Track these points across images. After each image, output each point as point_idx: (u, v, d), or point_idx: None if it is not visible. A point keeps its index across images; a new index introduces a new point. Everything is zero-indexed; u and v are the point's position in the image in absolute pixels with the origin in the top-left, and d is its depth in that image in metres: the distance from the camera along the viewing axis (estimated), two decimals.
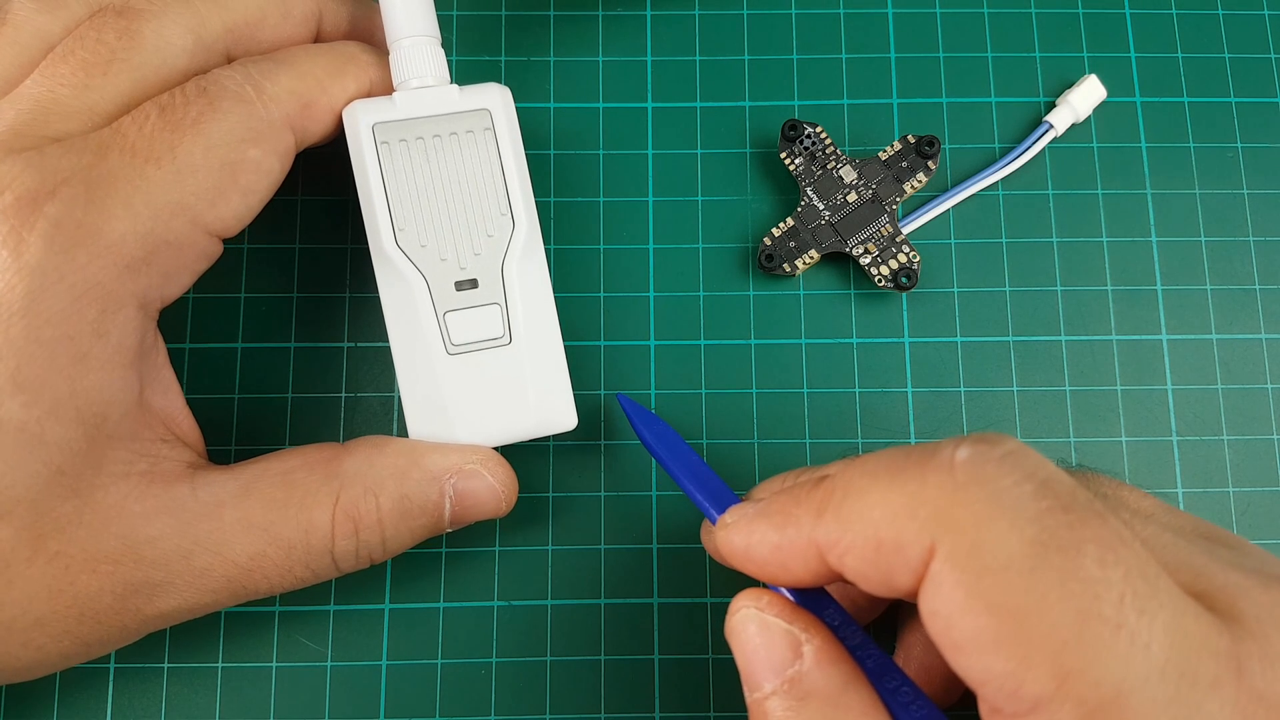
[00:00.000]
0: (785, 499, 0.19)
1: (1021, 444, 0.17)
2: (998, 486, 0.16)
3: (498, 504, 0.25)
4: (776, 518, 0.19)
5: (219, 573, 0.22)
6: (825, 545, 0.18)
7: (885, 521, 0.17)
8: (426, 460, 0.24)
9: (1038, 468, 0.17)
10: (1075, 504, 0.16)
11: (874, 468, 0.18)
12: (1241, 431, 0.29)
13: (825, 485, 0.19)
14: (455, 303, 0.25)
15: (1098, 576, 0.15)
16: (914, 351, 0.29)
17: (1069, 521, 0.16)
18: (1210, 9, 0.31)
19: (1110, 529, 0.16)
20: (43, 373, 0.21)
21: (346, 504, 0.23)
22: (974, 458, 0.17)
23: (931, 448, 0.17)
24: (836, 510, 0.18)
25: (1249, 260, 0.30)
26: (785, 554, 0.19)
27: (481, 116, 0.25)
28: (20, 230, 0.21)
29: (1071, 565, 0.15)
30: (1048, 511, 0.16)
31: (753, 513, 0.20)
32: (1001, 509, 0.16)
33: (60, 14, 0.23)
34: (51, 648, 0.22)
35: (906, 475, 0.17)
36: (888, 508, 0.17)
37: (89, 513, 0.21)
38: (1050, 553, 0.15)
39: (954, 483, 0.16)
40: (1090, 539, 0.16)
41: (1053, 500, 0.16)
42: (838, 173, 0.29)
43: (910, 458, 0.17)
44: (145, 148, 0.22)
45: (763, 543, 0.19)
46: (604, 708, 0.27)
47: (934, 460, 0.17)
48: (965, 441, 0.17)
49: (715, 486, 0.23)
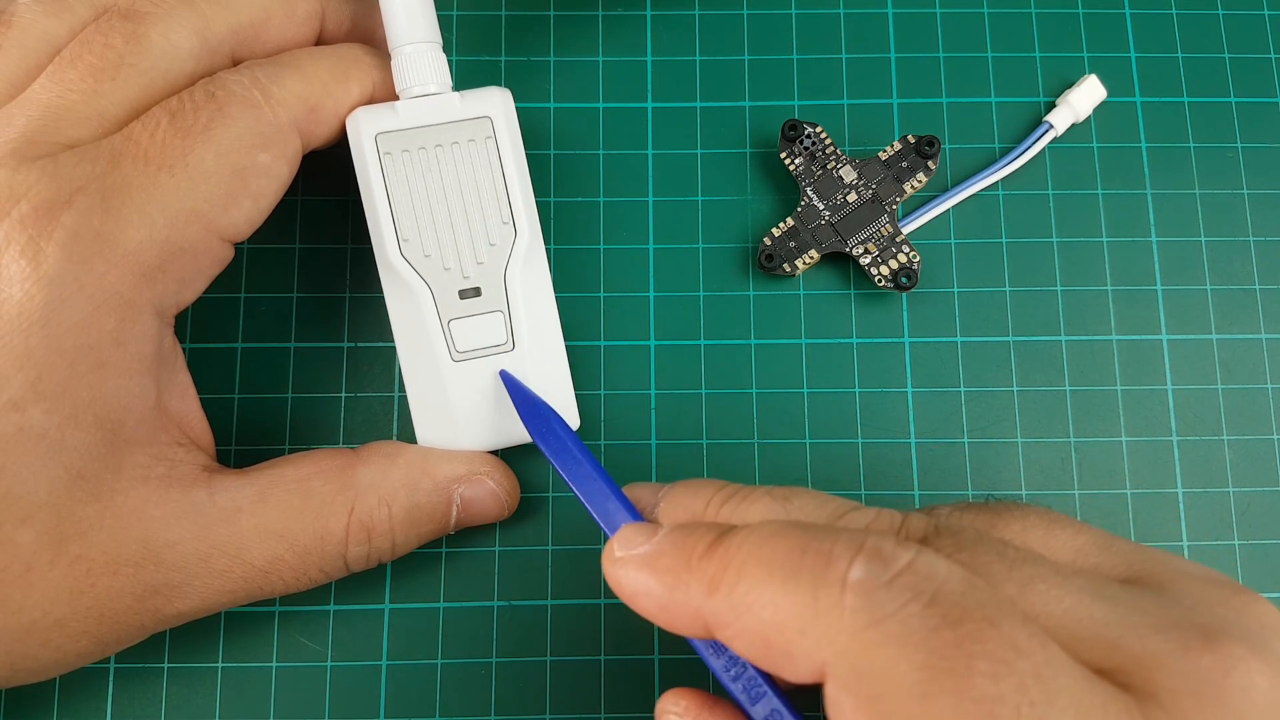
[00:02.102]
0: (677, 555, 0.18)
1: (917, 552, 0.16)
2: (884, 612, 0.16)
3: (501, 508, 0.26)
4: (666, 576, 0.18)
5: (237, 575, 0.23)
6: (713, 623, 0.18)
7: (774, 627, 0.17)
8: (436, 470, 0.25)
9: (927, 582, 0.16)
10: (965, 616, 0.15)
11: (769, 557, 0.17)
12: (1241, 431, 0.29)
13: (719, 556, 0.18)
14: (459, 311, 0.25)
15: (990, 694, 0.15)
16: (914, 351, 0.29)
17: (956, 639, 0.15)
18: (1210, 9, 0.31)
19: (1001, 638, 0.15)
20: (63, 381, 0.21)
21: (361, 513, 0.24)
22: (864, 582, 0.16)
23: (827, 551, 0.17)
24: (729, 594, 0.17)
25: (1249, 260, 0.30)
26: (672, 615, 0.19)
27: (483, 124, 0.25)
28: (38, 240, 0.21)
29: (963, 686, 0.15)
30: (935, 632, 0.15)
31: (642, 557, 0.19)
32: (888, 636, 0.15)
33: (65, 17, 0.23)
34: (70, 648, 0.22)
35: (799, 584, 0.16)
36: (777, 614, 0.17)
37: (109, 516, 0.22)
38: (940, 676, 0.15)
39: (842, 607, 0.16)
40: (979, 655, 0.15)
41: (940, 619, 0.15)
42: (838, 173, 0.29)
43: (805, 560, 0.17)
44: (158, 155, 0.22)
45: (649, 596, 0.19)
46: (604, 708, 0.27)
47: (826, 575, 0.16)
48: (860, 557, 0.16)
49: (604, 493, 0.22)
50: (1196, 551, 0.28)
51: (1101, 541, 0.20)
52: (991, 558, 0.18)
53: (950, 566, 0.16)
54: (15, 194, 0.21)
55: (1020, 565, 0.18)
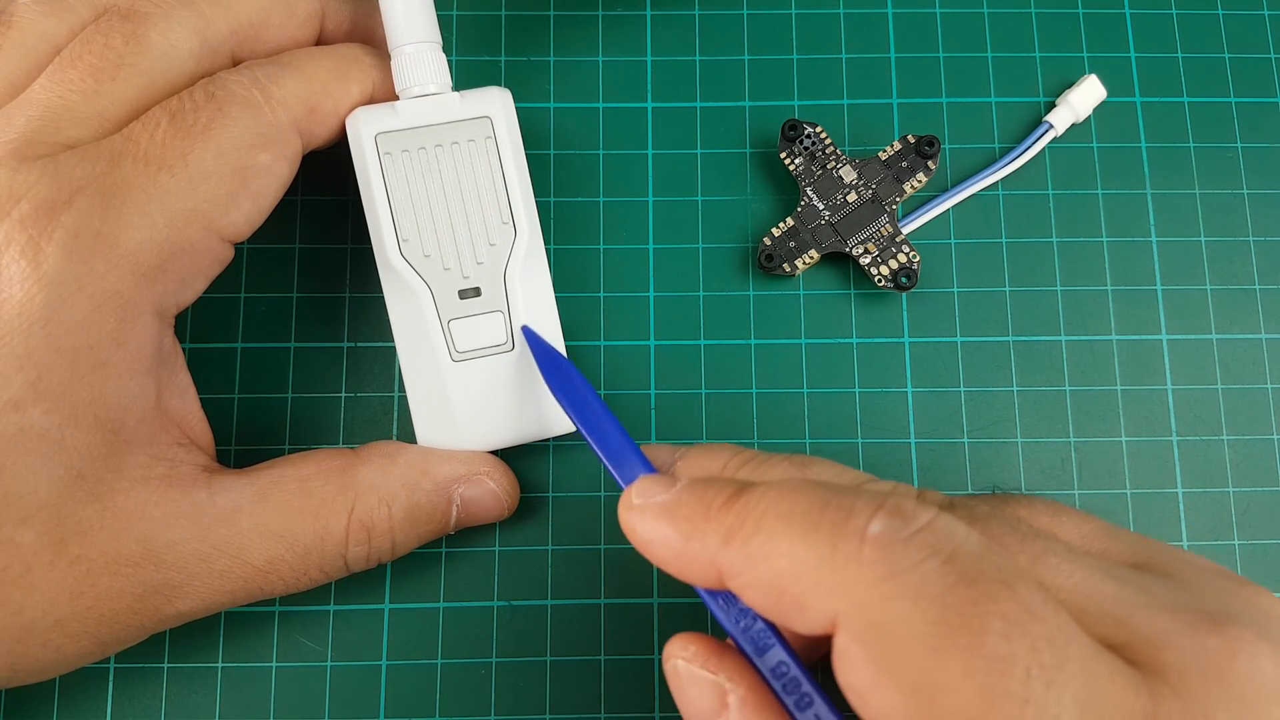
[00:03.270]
0: (695, 505, 0.19)
1: (937, 513, 0.17)
2: (902, 566, 0.16)
3: (500, 509, 0.26)
4: (684, 524, 0.19)
5: (237, 574, 0.23)
6: (727, 571, 0.18)
7: (790, 577, 0.17)
8: (436, 470, 0.25)
9: (946, 541, 0.16)
10: (981, 576, 0.16)
11: (789, 510, 0.17)
12: (1241, 431, 0.29)
13: (739, 508, 0.18)
14: (459, 311, 0.25)
15: (1002, 653, 0.15)
16: (914, 351, 0.29)
17: (972, 597, 0.15)
18: (1210, 9, 0.31)
19: (1017, 600, 0.16)
20: (63, 381, 0.21)
21: (361, 514, 0.24)
22: (883, 535, 0.16)
23: (847, 508, 0.17)
24: (745, 543, 0.18)
25: (1249, 260, 0.30)
26: (686, 563, 0.19)
27: (483, 125, 0.25)
28: (38, 240, 0.21)
29: (975, 643, 0.15)
30: (951, 589, 0.16)
31: (660, 506, 0.19)
32: (904, 589, 0.16)
33: (65, 17, 0.23)
34: (70, 648, 0.22)
35: (818, 536, 0.17)
36: (794, 564, 0.17)
37: (109, 516, 0.22)
38: (954, 632, 0.15)
39: (860, 559, 0.16)
40: (994, 614, 0.15)
41: (957, 576, 0.16)
42: (838, 173, 0.29)
43: (825, 514, 0.17)
44: (158, 155, 0.22)
45: (664, 544, 0.19)
46: (604, 708, 0.27)
47: (846, 528, 0.17)
48: (880, 512, 0.17)
49: (623, 449, 0.23)
50: (1196, 551, 0.28)
51: (1108, 530, 0.20)
52: (1004, 530, 0.18)
53: (968, 530, 0.17)
54: (15, 194, 0.21)
55: (1032, 539, 0.18)
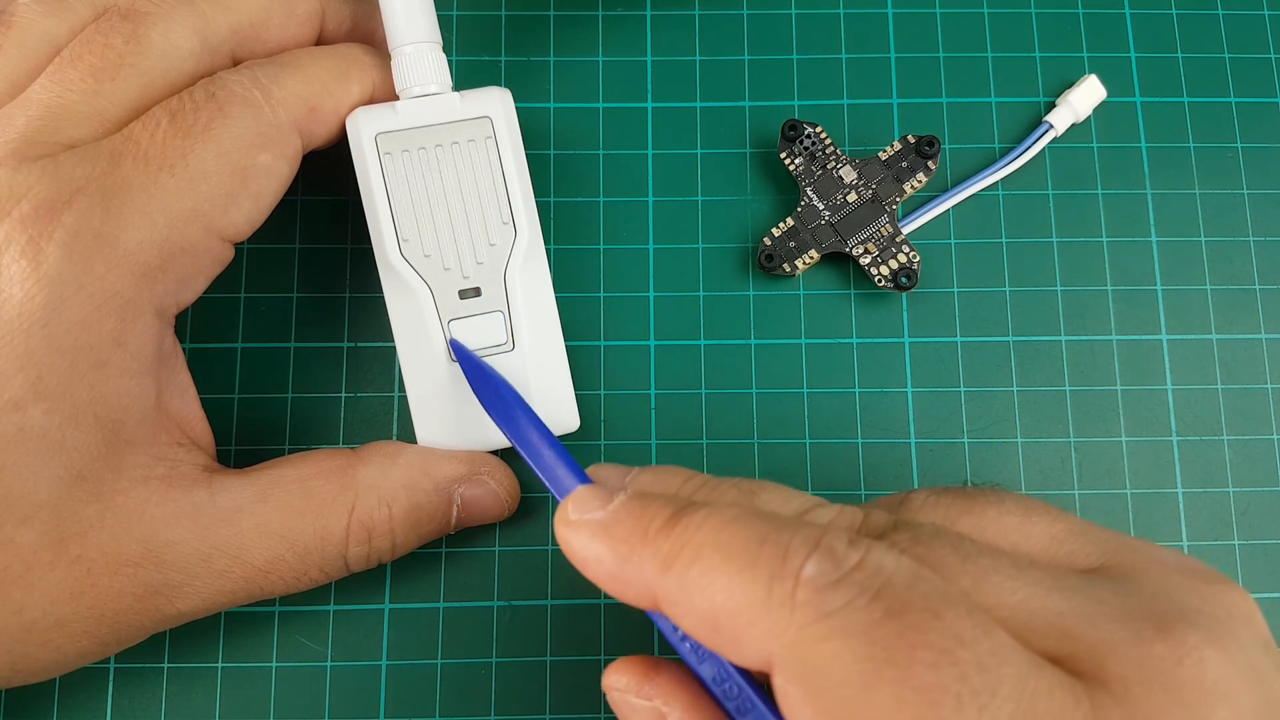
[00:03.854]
0: (633, 526, 0.18)
1: (868, 549, 0.17)
2: (831, 609, 0.16)
3: (501, 509, 0.26)
4: (620, 546, 0.18)
5: (237, 575, 0.23)
6: (663, 599, 0.18)
7: (726, 613, 0.17)
8: (436, 470, 0.25)
9: (874, 577, 0.16)
10: (908, 608, 0.16)
11: (728, 543, 0.17)
12: (1241, 431, 0.29)
13: (677, 533, 0.18)
14: (459, 311, 0.25)
15: (931, 682, 0.15)
16: (914, 351, 0.29)
17: (898, 630, 0.15)
18: (1210, 9, 0.31)
19: (943, 628, 0.15)
20: (63, 381, 0.21)
21: (361, 514, 0.24)
22: (815, 578, 0.16)
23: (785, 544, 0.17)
24: (682, 573, 0.17)
25: (1249, 260, 0.30)
26: (622, 585, 0.18)
27: (483, 125, 0.25)
28: (39, 240, 0.21)
29: (904, 675, 0.15)
30: (878, 624, 0.16)
31: (597, 524, 0.19)
32: (832, 630, 0.16)
33: (65, 16, 0.23)
34: (70, 648, 0.22)
35: (755, 574, 0.17)
36: (730, 600, 0.17)
37: (110, 516, 0.22)
38: (881, 666, 0.15)
39: (793, 601, 0.16)
40: (921, 644, 0.15)
41: (883, 612, 0.16)
42: (838, 173, 0.29)
43: (764, 550, 0.17)
44: (158, 155, 0.22)
45: (599, 564, 0.19)
46: (604, 708, 0.27)
47: (783, 569, 0.16)
48: (815, 554, 0.16)
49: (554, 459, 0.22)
50: (1196, 551, 0.28)
51: (1077, 528, 0.20)
52: (947, 551, 0.18)
53: (899, 560, 0.17)
54: (15, 194, 0.21)
55: (976, 558, 0.18)
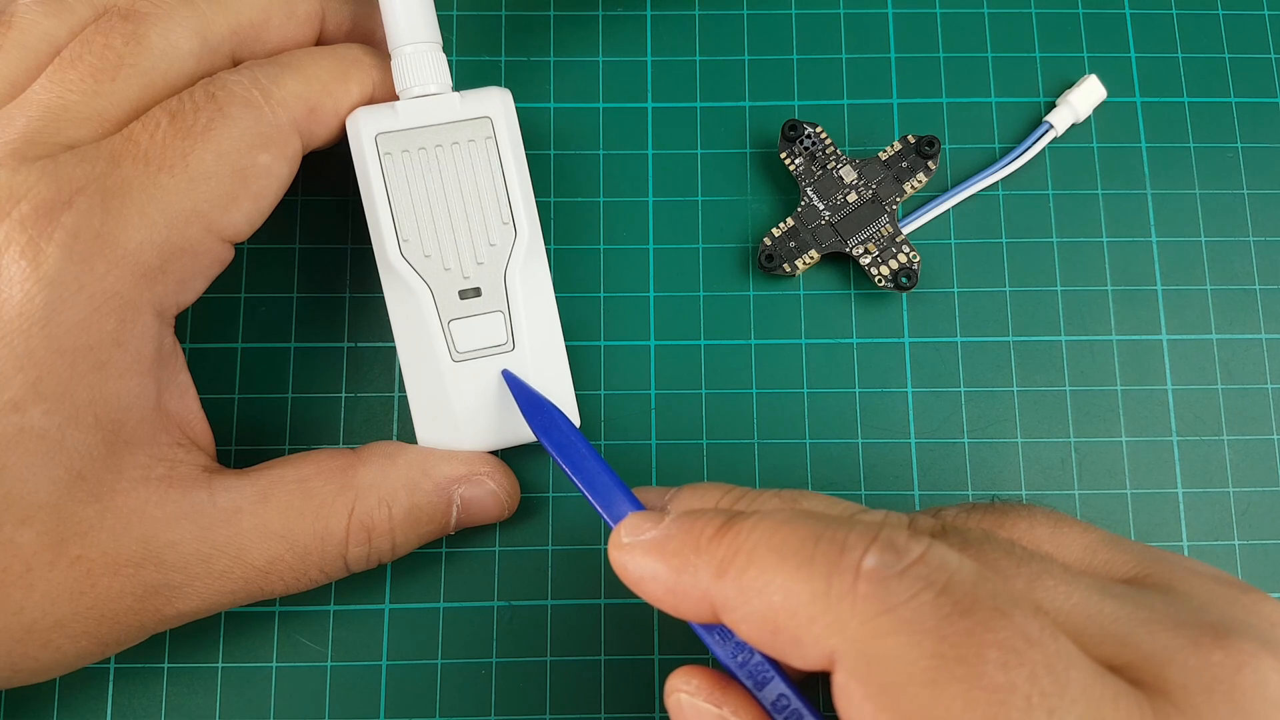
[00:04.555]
0: (685, 539, 0.19)
1: (930, 544, 0.17)
2: (897, 600, 0.16)
3: (501, 509, 0.26)
4: (674, 559, 0.18)
5: (237, 575, 0.23)
6: (720, 606, 0.18)
7: (785, 612, 0.17)
8: (436, 471, 0.25)
9: (939, 572, 0.16)
10: (976, 606, 0.16)
11: (782, 543, 0.17)
12: (1241, 431, 0.29)
13: (729, 539, 0.18)
14: (459, 311, 0.25)
15: (1001, 683, 0.15)
16: (914, 351, 0.29)
17: (968, 628, 0.15)
18: (1210, 9, 0.31)
19: (1013, 627, 0.15)
20: (63, 382, 0.21)
21: (361, 514, 0.24)
22: (877, 569, 0.16)
23: (840, 542, 0.17)
24: (738, 577, 0.17)
25: (1249, 260, 0.30)
26: (678, 598, 0.18)
27: (483, 125, 0.25)
28: (38, 241, 0.21)
29: (974, 674, 0.15)
30: (946, 620, 0.15)
31: (650, 542, 0.19)
32: (900, 624, 0.15)
33: (65, 17, 0.23)
34: (70, 649, 0.22)
35: (813, 570, 0.17)
36: (789, 598, 0.17)
37: (110, 517, 0.22)
38: (950, 664, 0.15)
39: (855, 594, 0.16)
40: (991, 643, 0.15)
41: (952, 607, 0.16)
42: (838, 173, 0.29)
43: (820, 547, 0.17)
44: (158, 155, 0.22)
45: (656, 580, 0.19)
46: (604, 708, 0.27)
47: (841, 562, 0.16)
48: (874, 546, 0.16)
49: (609, 488, 0.23)
50: (1196, 551, 0.28)
51: (1108, 540, 0.20)
52: (999, 554, 0.18)
53: (961, 559, 0.17)
54: (15, 195, 0.21)
55: (1028, 562, 0.18)
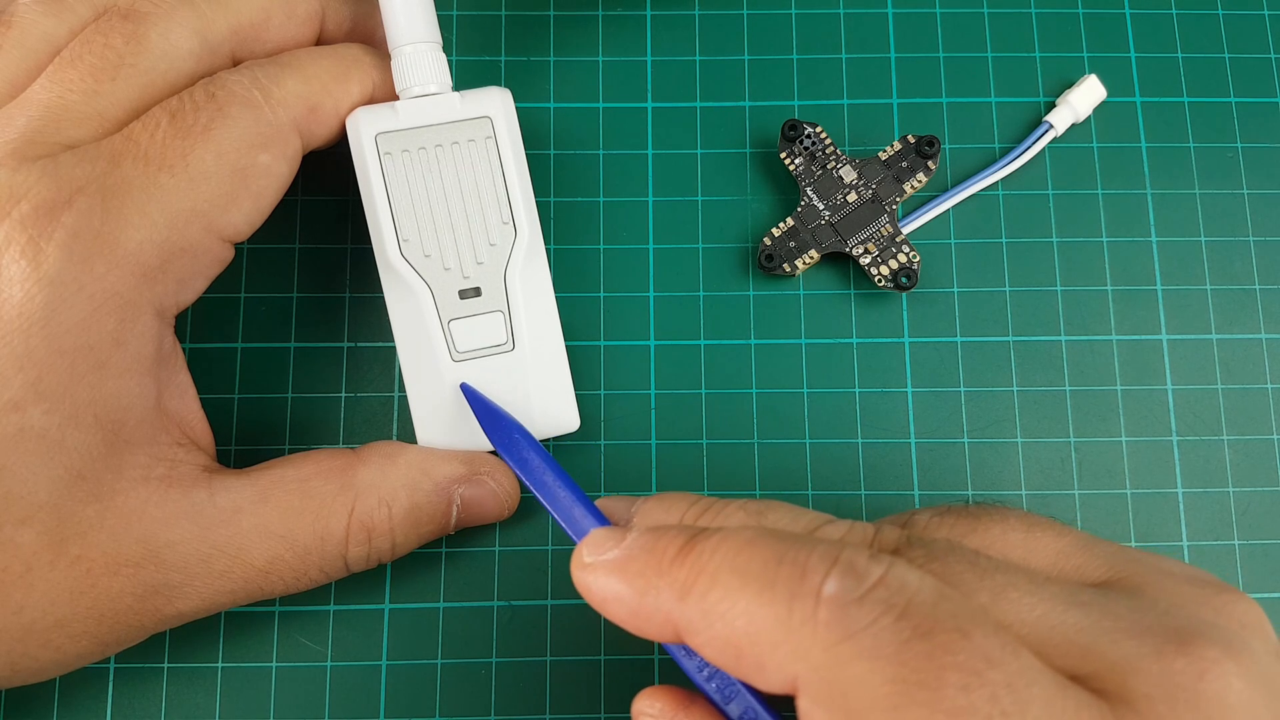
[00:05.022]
0: (648, 560, 0.18)
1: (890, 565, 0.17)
2: (857, 627, 0.16)
3: (500, 509, 0.26)
4: (637, 581, 0.18)
5: (237, 575, 0.23)
6: (684, 629, 0.18)
7: (747, 637, 0.17)
8: (436, 470, 0.25)
9: (899, 594, 0.16)
10: (937, 628, 0.16)
11: (745, 565, 0.17)
12: (1241, 431, 0.29)
13: (692, 561, 0.18)
14: (459, 311, 0.25)
15: (962, 705, 0.15)
16: (914, 351, 0.29)
17: (928, 651, 0.15)
18: (1210, 9, 0.31)
19: (973, 648, 0.15)
20: (63, 381, 0.21)
21: (361, 514, 0.24)
22: (838, 595, 0.16)
23: (802, 565, 0.17)
24: (700, 600, 0.17)
25: (1249, 260, 0.30)
26: (642, 621, 0.18)
27: (483, 125, 0.25)
28: (38, 240, 0.21)
29: (935, 699, 0.15)
30: (906, 645, 0.15)
31: (612, 562, 0.19)
32: (861, 650, 0.15)
33: (65, 17, 0.23)
34: (70, 648, 0.22)
35: (774, 594, 0.16)
36: (751, 623, 0.16)
37: (110, 517, 0.22)
38: (911, 689, 0.15)
39: (816, 620, 0.16)
40: (951, 666, 0.15)
41: (911, 631, 0.15)
42: (838, 173, 0.29)
43: (781, 570, 0.17)
44: (158, 155, 0.22)
45: (619, 602, 0.18)
46: (604, 708, 0.27)
47: (802, 587, 0.16)
48: (834, 571, 0.16)
49: (569, 501, 0.22)
50: (1196, 551, 0.28)
51: (1082, 543, 0.20)
52: (963, 567, 0.18)
53: (922, 578, 0.16)
54: (15, 194, 0.21)
55: (992, 574, 0.18)
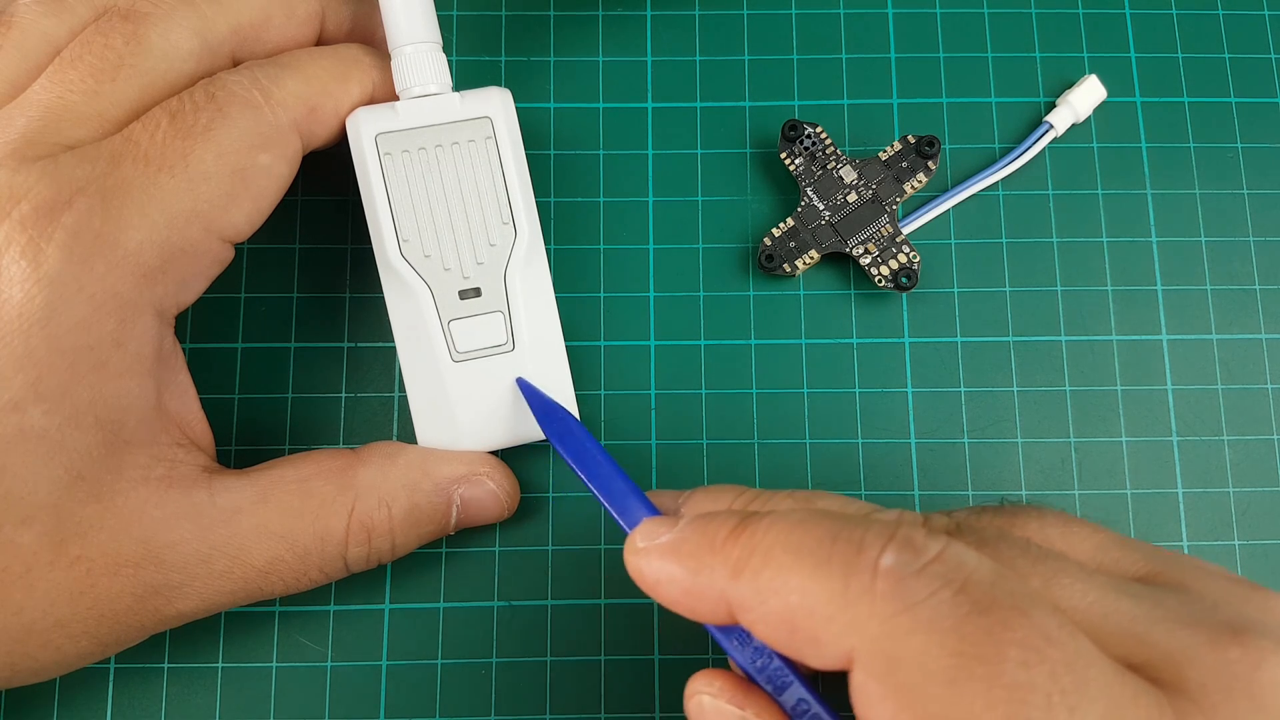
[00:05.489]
0: (700, 540, 0.19)
1: (947, 543, 0.17)
2: (916, 599, 0.16)
3: (500, 509, 0.26)
4: (689, 561, 0.18)
5: (237, 575, 0.23)
6: (737, 606, 0.18)
7: (803, 611, 0.17)
8: (436, 471, 0.25)
9: (957, 571, 0.16)
10: (995, 605, 0.16)
11: (798, 542, 0.17)
12: (1241, 431, 0.29)
13: (745, 540, 0.18)
14: (459, 311, 0.25)
15: (1022, 681, 0.15)
16: (914, 351, 0.29)
17: (987, 626, 0.15)
18: (1210, 9, 0.31)
19: (1032, 625, 0.15)
20: (63, 382, 0.21)
21: (361, 514, 0.24)
22: (895, 568, 0.16)
23: (857, 541, 0.17)
24: (754, 577, 0.17)
25: (1249, 260, 0.30)
26: (695, 600, 0.18)
27: (483, 125, 0.25)
28: (38, 241, 0.21)
29: (994, 673, 0.15)
30: (966, 619, 0.15)
31: (665, 545, 0.19)
32: (918, 622, 0.15)
33: (65, 17, 0.23)
34: (70, 649, 0.22)
35: (830, 569, 0.16)
36: (806, 598, 0.17)
37: (110, 517, 0.22)
38: (970, 663, 0.15)
39: (873, 593, 0.16)
40: (1010, 641, 0.15)
41: (970, 606, 0.15)
42: (838, 173, 0.29)
43: (836, 546, 0.17)
44: (158, 156, 0.22)
45: (672, 583, 0.19)
46: (604, 708, 0.27)
47: (857, 562, 0.16)
48: (891, 545, 0.16)
49: (624, 494, 0.22)
50: (1196, 552, 0.28)
51: (1120, 541, 0.20)
52: (1016, 553, 0.18)
53: (979, 557, 0.17)
54: (15, 195, 0.21)
55: (1044, 560, 0.18)
